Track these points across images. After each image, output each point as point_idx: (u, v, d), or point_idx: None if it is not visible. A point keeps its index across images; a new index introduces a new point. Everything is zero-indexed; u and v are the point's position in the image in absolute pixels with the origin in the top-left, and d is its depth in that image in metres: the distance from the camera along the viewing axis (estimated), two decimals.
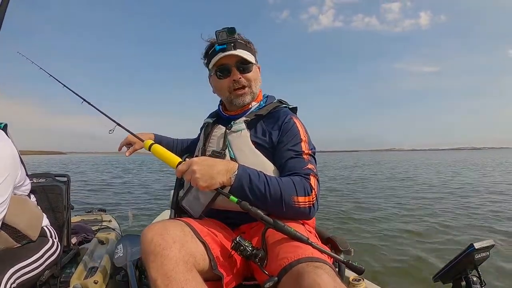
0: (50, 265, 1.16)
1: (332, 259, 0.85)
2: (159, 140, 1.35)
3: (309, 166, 0.94)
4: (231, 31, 1.01)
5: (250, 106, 1.10)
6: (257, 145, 1.00)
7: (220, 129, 1.06)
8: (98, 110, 1.19)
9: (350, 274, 1.32)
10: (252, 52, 1.08)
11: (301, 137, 1.00)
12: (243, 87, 1.05)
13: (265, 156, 0.98)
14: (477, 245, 0.97)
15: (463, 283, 1.01)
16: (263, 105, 1.10)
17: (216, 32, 1.02)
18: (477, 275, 1.02)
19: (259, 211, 0.80)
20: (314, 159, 1.01)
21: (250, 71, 1.05)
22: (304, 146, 0.98)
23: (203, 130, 1.16)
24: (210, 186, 0.83)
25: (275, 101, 1.12)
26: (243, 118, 1.05)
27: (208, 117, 1.21)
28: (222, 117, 1.14)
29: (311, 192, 0.88)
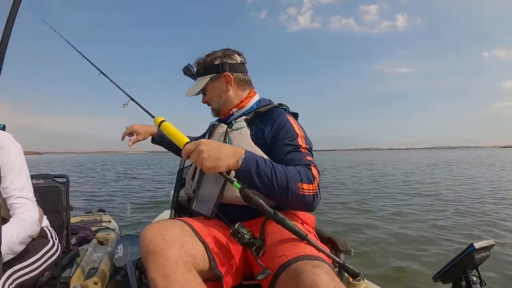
0: (50, 266, 1.16)
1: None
2: (161, 135, 1.40)
3: (308, 158, 0.95)
4: (185, 71, 1.16)
5: (231, 112, 1.14)
6: (256, 142, 1.01)
7: (221, 127, 1.09)
8: (114, 83, 1.24)
9: None
10: (209, 69, 1.13)
11: (297, 132, 1.01)
12: (209, 103, 1.19)
13: (264, 153, 0.99)
14: (477, 245, 0.97)
15: (463, 283, 1.01)
16: (255, 108, 1.12)
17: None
18: (477, 275, 1.02)
19: (260, 201, 0.80)
20: (312, 154, 1.01)
21: (206, 94, 1.17)
22: (301, 141, 0.99)
23: (209, 129, 1.19)
24: (216, 168, 0.81)
25: (276, 103, 1.14)
26: (244, 117, 1.08)
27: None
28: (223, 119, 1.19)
29: (314, 181, 0.88)
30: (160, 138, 1.42)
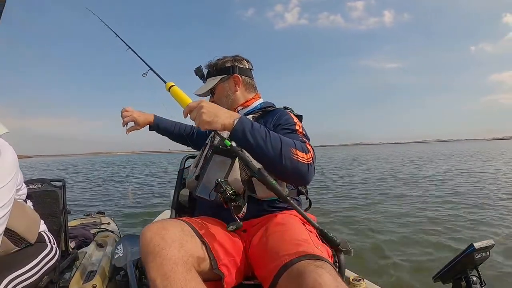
0: (48, 270, 1.15)
1: (332, 258, 0.85)
2: (159, 120, 1.48)
3: (304, 139, 0.98)
4: (196, 72, 1.26)
5: (236, 110, 1.20)
6: None
7: None
8: (139, 57, 1.31)
9: (350, 274, 1.32)
10: (220, 71, 1.22)
11: (295, 121, 1.06)
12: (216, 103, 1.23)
13: None
14: (477, 245, 0.97)
15: (463, 283, 1.01)
16: (259, 107, 1.19)
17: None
18: (477, 275, 1.02)
19: (246, 157, 0.82)
20: (308, 141, 1.04)
21: (215, 94, 1.24)
22: (298, 128, 1.04)
23: None
24: (212, 123, 0.84)
25: (281, 106, 1.20)
26: (251, 115, 1.15)
27: None
28: None
29: (308, 152, 0.90)
30: (156, 126, 1.47)
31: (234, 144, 0.88)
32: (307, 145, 0.93)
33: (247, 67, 1.25)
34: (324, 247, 0.84)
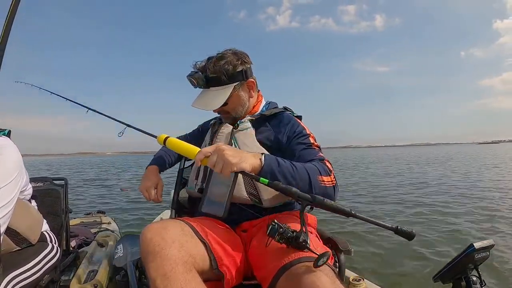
0: (49, 269, 1.15)
1: (333, 259, 0.84)
2: (160, 164, 1.30)
3: (321, 154, 0.97)
4: (197, 79, 1.03)
5: (245, 117, 1.13)
6: (261, 143, 1.03)
7: (227, 127, 1.12)
8: (106, 115, 1.18)
9: (350, 274, 1.32)
10: (233, 77, 1.04)
11: (308, 132, 1.05)
12: (227, 112, 1.10)
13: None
14: (477, 245, 0.97)
15: (463, 283, 1.01)
16: (264, 110, 1.14)
17: (188, 77, 1.05)
18: (477, 275, 1.02)
19: (294, 189, 0.76)
20: (321, 151, 1.03)
21: (227, 104, 1.07)
22: (312, 140, 1.03)
23: (210, 128, 1.21)
24: (239, 163, 0.77)
25: (280, 107, 1.17)
26: (249, 117, 1.10)
27: (215, 118, 1.27)
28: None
29: (330, 173, 0.90)
30: (164, 167, 1.33)
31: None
32: (327, 164, 0.92)
33: (251, 63, 1.11)
34: (324, 248, 0.84)
